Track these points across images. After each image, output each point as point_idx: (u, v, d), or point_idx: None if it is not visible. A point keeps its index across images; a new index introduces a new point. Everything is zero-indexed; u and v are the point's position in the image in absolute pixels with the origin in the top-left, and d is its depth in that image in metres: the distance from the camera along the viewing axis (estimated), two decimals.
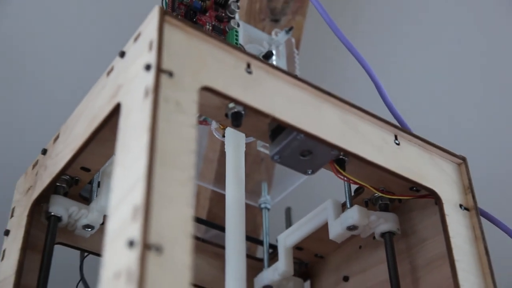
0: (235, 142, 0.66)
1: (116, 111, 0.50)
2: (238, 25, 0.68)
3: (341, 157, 0.59)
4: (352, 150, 0.57)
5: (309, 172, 0.60)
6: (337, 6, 1.28)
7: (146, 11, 0.51)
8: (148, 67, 0.47)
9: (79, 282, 0.66)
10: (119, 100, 0.50)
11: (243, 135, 0.66)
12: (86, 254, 0.67)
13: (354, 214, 0.64)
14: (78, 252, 0.66)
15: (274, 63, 0.73)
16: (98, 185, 0.64)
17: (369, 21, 1.40)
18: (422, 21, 1.42)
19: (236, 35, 0.68)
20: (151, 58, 0.47)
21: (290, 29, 0.74)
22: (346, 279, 0.71)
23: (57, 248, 0.62)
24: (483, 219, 0.64)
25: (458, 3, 1.40)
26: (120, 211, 0.43)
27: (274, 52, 0.71)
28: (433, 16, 1.41)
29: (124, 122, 0.48)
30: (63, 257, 0.65)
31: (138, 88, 0.47)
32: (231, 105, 0.53)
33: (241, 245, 0.61)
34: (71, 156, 0.56)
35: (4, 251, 0.61)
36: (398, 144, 0.61)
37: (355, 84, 0.76)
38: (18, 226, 0.61)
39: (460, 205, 0.62)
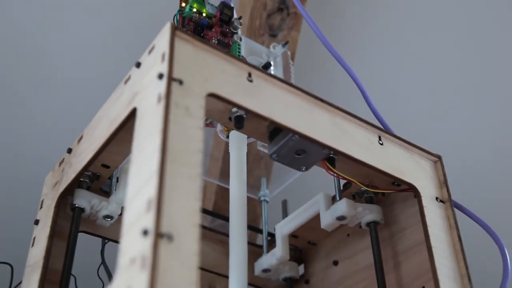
0: (237, 144, 0.66)
1: (132, 115, 0.50)
2: (241, 40, 0.68)
3: (331, 155, 0.59)
4: (341, 149, 0.57)
5: (303, 169, 0.60)
6: (327, 18, 1.28)
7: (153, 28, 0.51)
8: (160, 76, 0.46)
9: (100, 265, 0.66)
10: (135, 105, 0.50)
11: (245, 138, 0.66)
12: (106, 241, 0.66)
13: (342, 206, 0.64)
14: (99, 240, 0.66)
15: (272, 72, 0.73)
16: (117, 180, 0.64)
17: (355, 34, 1.40)
18: (402, 33, 1.42)
19: (239, 48, 0.68)
20: (164, 68, 0.47)
21: (286, 43, 0.74)
22: (335, 263, 0.71)
23: (80, 236, 0.61)
24: (456, 210, 0.63)
25: (432, 10, 1.38)
26: (135, 204, 0.43)
27: (272, 63, 0.71)
28: (410, 28, 1.41)
29: (139, 125, 0.48)
30: (86, 244, 0.65)
31: (152, 94, 0.47)
32: (234, 109, 0.53)
33: (243, 233, 0.61)
34: (93, 155, 0.56)
35: (34, 238, 0.61)
36: (381, 144, 0.61)
37: (344, 91, 0.76)
38: (46, 216, 0.61)
39: (436, 198, 0.62)
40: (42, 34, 1.22)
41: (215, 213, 0.84)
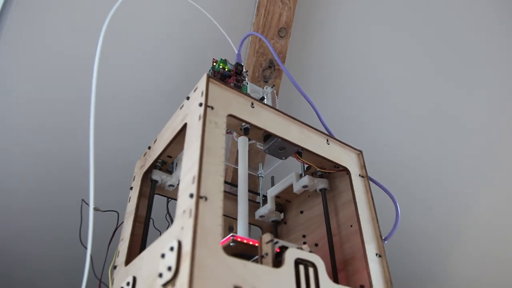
0: (243, 141, 0.65)
1: (184, 127, 0.50)
2: (247, 83, 0.67)
3: (300, 150, 0.58)
4: (306, 147, 0.56)
5: (283, 158, 0.59)
6: (297, 70, 1.27)
7: (198, 75, 0.51)
8: (200, 104, 0.46)
9: (166, 213, 0.65)
10: (186, 121, 0.49)
11: (247, 140, 0.65)
12: (170, 199, 0.66)
13: (306, 179, 0.63)
14: (164, 198, 0.65)
15: (265, 102, 0.73)
16: (176, 165, 0.63)
17: (318, 79, 1.38)
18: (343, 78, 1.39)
19: (246, 88, 0.67)
20: (202, 99, 0.46)
21: (273, 85, 0.73)
22: (301, 212, 0.70)
23: (156, 197, 0.61)
24: (370, 182, 0.63)
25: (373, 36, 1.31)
26: (186, 179, 0.42)
27: (265, 97, 0.70)
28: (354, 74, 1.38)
29: (188, 133, 0.47)
30: (158, 201, 0.64)
31: (196, 115, 0.46)
32: (243, 124, 0.53)
33: (245, 194, 0.59)
34: (162, 150, 0.56)
35: (130, 197, 0.61)
36: (328, 144, 0.60)
37: (307, 113, 0.75)
38: (136, 185, 0.60)
39: (359, 175, 0.61)
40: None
41: (232, 184, 0.83)
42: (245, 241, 0.46)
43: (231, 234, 0.46)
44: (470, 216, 1.47)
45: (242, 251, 0.46)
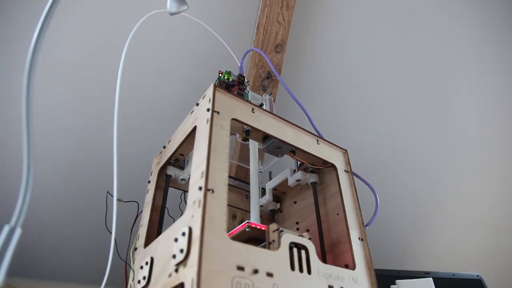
0: (254, 144, 0.65)
1: (194, 129, 0.49)
2: (248, 92, 0.67)
3: (294, 149, 0.58)
4: (299, 146, 0.56)
5: (280, 156, 0.59)
6: (292, 82, 1.27)
7: (206, 86, 0.51)
8: (208, 110, 0.46)
9: (180, 203, 0.65)
10: (195, 124, 0.49)
11: (257, 144, 0.65)
12: (182, 192, 0.66)
13: (299, 174, 0.63)
14: (178, 190, 0.65)
15: (264, 108, 0.73)
16: (187, 162, 0.63)
17: (308, 87, 1.38)
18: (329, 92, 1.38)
19: (247, 96, 0.67)
20: (210, 106, 0.46)
21: (271, 93, 0.73)
22: (295, 202, 0.70)
23: (170, 189, 0.61)
24: (354, 176, 0.63)
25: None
26: (195, 174, 0.42)
27: (264, 103, 0.70)
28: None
29: (198, 134, 0.47)
30: (172, 193, 0.64)
31: (204, 119, 0.46)
32: (245, 127, 0.53)
33: (257, 188, 0.60)
34: (175, 149, 0.56)
35: (148, 189, 0.61)
36: (318, 144, 0.60)
37: (300, 117, 0.75)
38: (153, 179, 0.60)
39: (345, 170, 0.61)
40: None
41: (235, 178, 0.82)
42: (258, 227, 0.46)
43: (246, 221, 0.46)
44: (435, 220, 1.47)
45: (255, 236, 0.46)
